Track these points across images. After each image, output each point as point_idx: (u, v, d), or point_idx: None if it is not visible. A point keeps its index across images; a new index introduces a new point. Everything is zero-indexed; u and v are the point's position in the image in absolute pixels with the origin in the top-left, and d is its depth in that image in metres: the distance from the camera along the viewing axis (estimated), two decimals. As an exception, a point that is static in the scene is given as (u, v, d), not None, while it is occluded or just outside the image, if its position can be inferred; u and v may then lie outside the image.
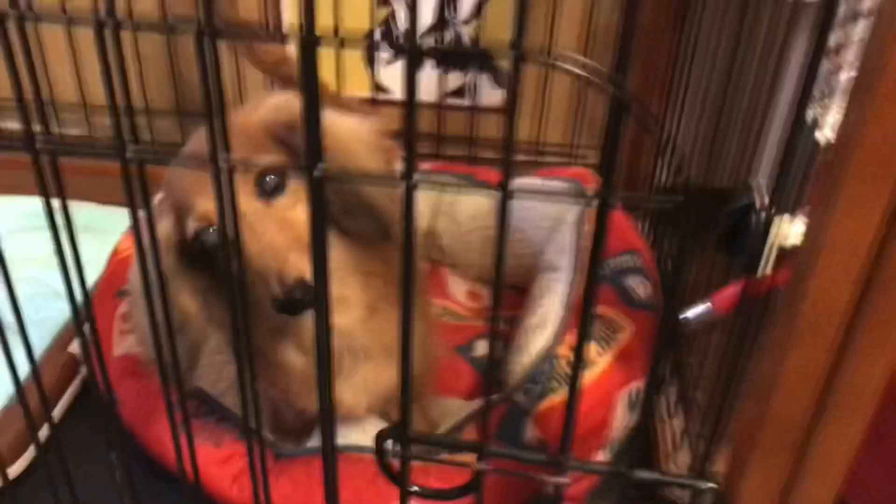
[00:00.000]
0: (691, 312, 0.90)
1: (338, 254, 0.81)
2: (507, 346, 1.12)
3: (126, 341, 1.06)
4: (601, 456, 1.03)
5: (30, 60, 0.49)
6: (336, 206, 0.78)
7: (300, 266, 0.71)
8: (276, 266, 0.71)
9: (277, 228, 0.73)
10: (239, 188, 0.75)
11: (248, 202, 0.74)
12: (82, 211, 1.53)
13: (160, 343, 0.61)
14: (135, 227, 0.50)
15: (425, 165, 1.46)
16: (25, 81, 0.49)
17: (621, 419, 1.00)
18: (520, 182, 1.40)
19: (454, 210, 1.40)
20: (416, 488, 0.67)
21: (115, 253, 1.19)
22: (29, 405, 0.69)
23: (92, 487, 1.08)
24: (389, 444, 0.64)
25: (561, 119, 1.56)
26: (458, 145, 1.55)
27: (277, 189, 0.76)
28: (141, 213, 0.48)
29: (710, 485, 0.61)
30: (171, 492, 0.78)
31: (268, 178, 0.75)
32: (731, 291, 0.86)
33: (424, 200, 1.39)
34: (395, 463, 0.61)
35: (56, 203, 0.51)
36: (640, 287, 1.14)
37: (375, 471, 1.00)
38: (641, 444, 1.16)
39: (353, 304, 0.85)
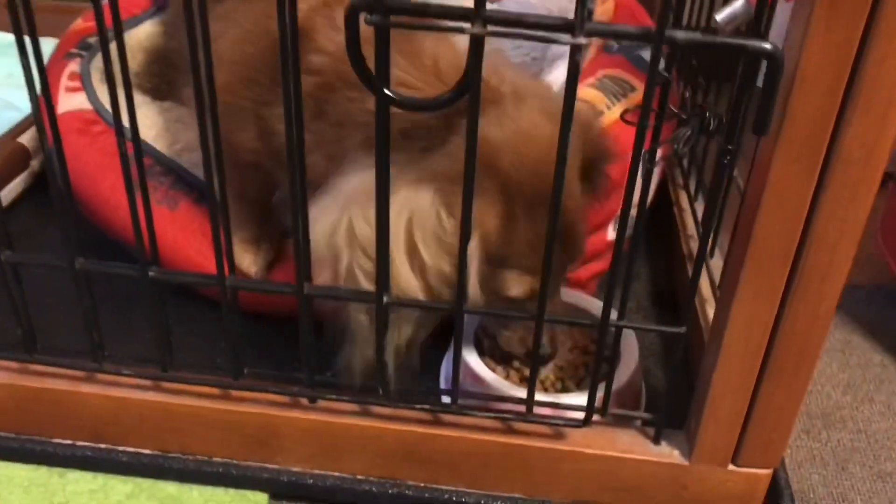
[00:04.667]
0: (723, 14, 0.76)
1: None
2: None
3: (73, 99, 0.95)
4: (611, 229, 0.92)
5: None
6: None
7: None
8: None
9: None
10: None
11: None
12: (49, 45, 1.43)
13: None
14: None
15: None
16: None
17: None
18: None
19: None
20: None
21: (69, 28, 1.08)
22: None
23: (38, 282, 0.97)
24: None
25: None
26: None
27: None
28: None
29: (766, 45, 0.48)
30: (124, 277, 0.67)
31: None
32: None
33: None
34: None
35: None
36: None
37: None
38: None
39: None
